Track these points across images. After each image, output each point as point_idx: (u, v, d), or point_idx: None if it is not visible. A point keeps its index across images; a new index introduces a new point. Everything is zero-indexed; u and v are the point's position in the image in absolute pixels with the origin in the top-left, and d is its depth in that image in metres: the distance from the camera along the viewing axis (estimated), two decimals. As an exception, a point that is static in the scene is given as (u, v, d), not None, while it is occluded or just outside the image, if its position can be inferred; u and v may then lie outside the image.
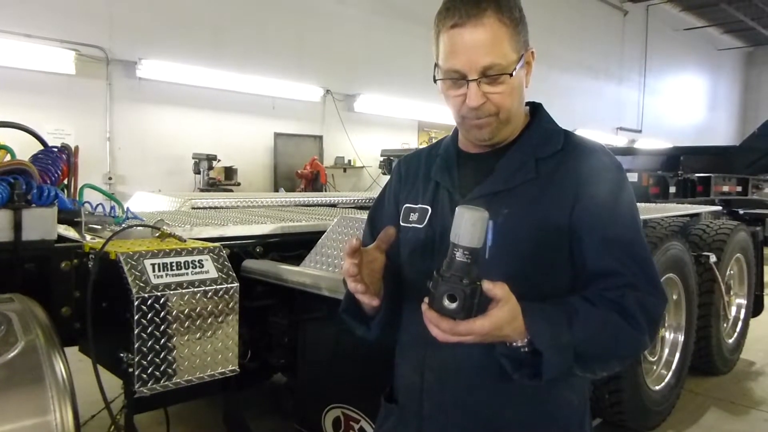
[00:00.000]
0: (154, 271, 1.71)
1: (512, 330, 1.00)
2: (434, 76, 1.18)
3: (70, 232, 2.03)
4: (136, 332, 1.63)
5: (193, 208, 3.55)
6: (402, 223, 1.29)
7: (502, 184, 1.18)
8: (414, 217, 1.28)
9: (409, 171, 1.37)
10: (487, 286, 0.95)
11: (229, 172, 8.53)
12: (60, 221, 1.90)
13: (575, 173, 1.16)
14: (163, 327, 1.67)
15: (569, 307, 1.07)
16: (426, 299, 0.98)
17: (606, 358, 1.11)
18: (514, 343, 1.02)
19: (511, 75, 1.11)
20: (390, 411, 1.34)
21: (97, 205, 2.20)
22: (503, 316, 0.97)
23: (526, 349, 1.02)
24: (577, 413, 1.24)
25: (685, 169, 6.69)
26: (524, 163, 1.18)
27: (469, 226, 0.93)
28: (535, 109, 1.29)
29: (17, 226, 1.73)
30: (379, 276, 1.15)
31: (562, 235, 1.14)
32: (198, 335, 1.75)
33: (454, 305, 0.93)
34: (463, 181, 1.24)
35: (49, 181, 2.01)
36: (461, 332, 0.96)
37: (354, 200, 4.54)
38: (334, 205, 4.23)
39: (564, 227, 1.14)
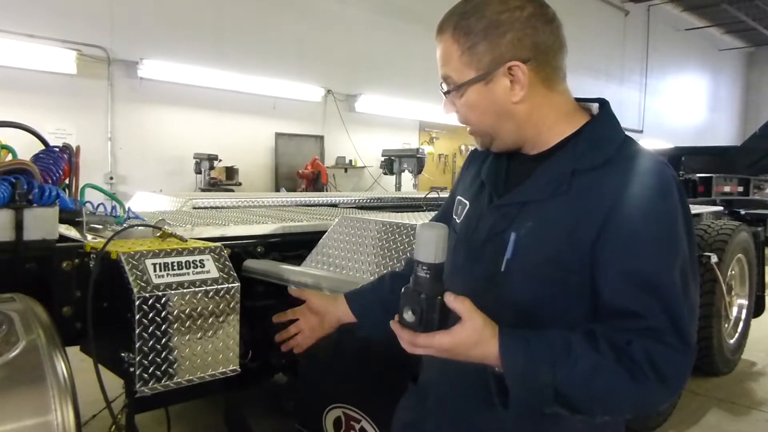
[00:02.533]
0: (155, 270, 1.70)
1: (482, 353, 0.97)
2: None
3: (71, 232, 2.03)
4: (137, 332, 1.63)
5: (195, 208, 3.55)
6: (453, 215, 1.31)
7: (531, 195, 1.10)
8: (459, 210, 1.28)
9: (472, 161, 1.35)
10: (448, 298, 0.96)
11: (230, 172, 8.52)
12: (61, 221, 1.89)
13: (612, 192, 1.02)
14: (164, 327, 1.67)
15: (563, 341, 0.96)
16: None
17: (601, 406, 0.98)
18: (495, 368, 0.99)
19: (447, 93, 1.16)
20: (411, 391, 1.37)
21: (99, 204, 2.20)
22: (465, 334, 0.95)
23: None
24: None
25: (686, 169, 6.69)
26: (559, 175, 1.08)
27: (426, 243, 0.97)
28: (600, 109, 1.18)
29: (18, 226, 1.72)
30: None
31: (585, 259, 1.02)
32: (199, 335, 1.75)
33: (412, 319, 0.97)
34: (507, 182, 1.19)
35: (50, 181, 2.01)
36: (420, 344, 0.97)
37: (355, 200, 4.53)
38: (335, 205, 4.22)
39: (587, 251, 1.02)
